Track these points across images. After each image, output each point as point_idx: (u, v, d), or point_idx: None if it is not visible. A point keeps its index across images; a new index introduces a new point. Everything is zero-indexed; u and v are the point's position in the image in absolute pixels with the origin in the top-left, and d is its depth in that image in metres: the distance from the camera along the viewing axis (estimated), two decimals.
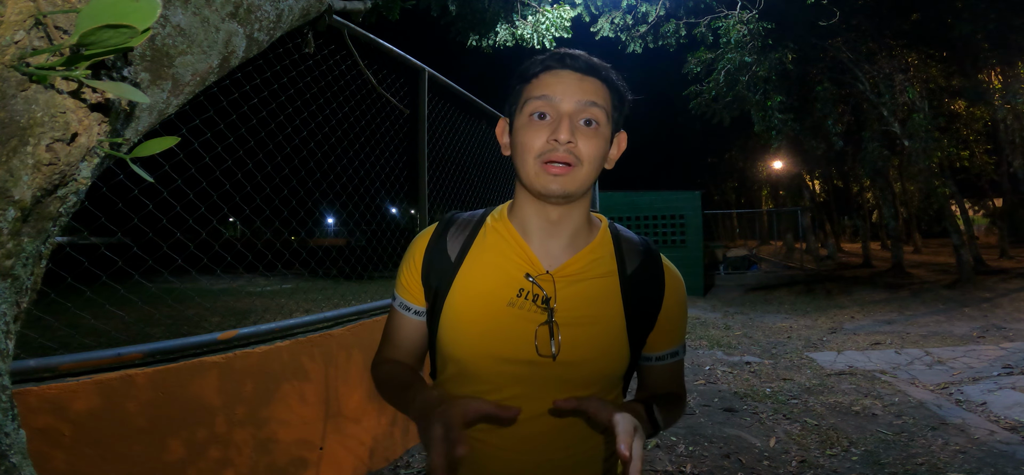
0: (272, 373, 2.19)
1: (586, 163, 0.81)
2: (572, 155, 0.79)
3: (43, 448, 1.51)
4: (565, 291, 0.83)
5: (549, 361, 0.80)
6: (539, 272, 0.84)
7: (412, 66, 3.35)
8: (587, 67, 0.82)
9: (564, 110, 0.80)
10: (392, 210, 7.62)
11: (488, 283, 0.84)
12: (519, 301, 0.82)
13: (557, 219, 0.85)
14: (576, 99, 0.80)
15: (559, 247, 0.86)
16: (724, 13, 8.85)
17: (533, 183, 0.81)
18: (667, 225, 11.07)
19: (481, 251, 0.87)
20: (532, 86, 0.83)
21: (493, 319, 0.82)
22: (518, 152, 0.83)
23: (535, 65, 0.84)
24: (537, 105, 0.81)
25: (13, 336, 0.51)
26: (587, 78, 0.82)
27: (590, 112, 0.81)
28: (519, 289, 0.83)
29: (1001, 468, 2.84)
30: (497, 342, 0.81)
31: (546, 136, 0.80)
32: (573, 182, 0.80)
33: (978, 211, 29.06)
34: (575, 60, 0.82)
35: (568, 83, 0.81)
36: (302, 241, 12.50)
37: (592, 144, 0.81)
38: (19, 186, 0.45)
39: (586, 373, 0.82)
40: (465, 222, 0.92)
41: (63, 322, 3.61)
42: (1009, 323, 6.61)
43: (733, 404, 3.99)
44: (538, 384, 0.81)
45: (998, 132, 11.69)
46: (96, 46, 0.42)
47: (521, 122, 0.83)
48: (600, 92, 0.82)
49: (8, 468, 0.47)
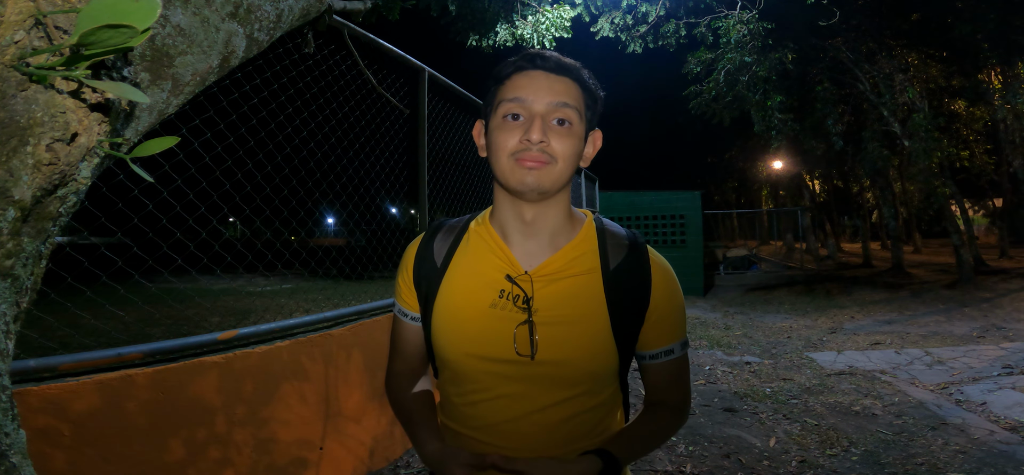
0: (272, 373, 2.19)
1: (560, 160, 0.81)
2: (545, 154, 0.80)
3: (43, 448, 1.51)
4: (544, 290, 0.84)
5: (528, 360, 0.81)
6: (518, 273, 0.85)
7: (412, 66, 3.35)
8: (557, 67, 0.83)
9: (536, 111, 0.81)
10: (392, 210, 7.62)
11: (471, 286, 0.86)
12: (501, 302, 0.84)
13: (532, 219, 0.86)
14: (547, 100, 0.81)
15: (538, 247, 0.87)
16: (724, 13, 8.85)
17: (508, 179, 0.82)
18: (667, 225, 11.07)
19: (464, 256, 0.89)
20: (504, 88, 0.84)
21: (477, 321, 0.84)
22: (493, 152, 0.84)
23: (507, 67, 0.85)
24: (510, 107, 0.82)
25: (13, 336, 0.51)
26: (558, 78, 0.83)
27: (562, 112, 0.81)
28: (500, 290, 0.84)
29: (1001, 468, 2.84)
30: (480, 343, 0.83)
31: (519, 136, 0.81)
32: (547, 177, 0.81)
33: (978, 211, 29.06)
34: (545, 61, 0.83)
35: (539, 84, 0.82)
36: (302, 241, 12.50)
37: (566, 142, 0.82)
38: (19, 186, 0.45)
39: (570, 372, 0.82)
40: (451, 228, 0.95)
41: (63, 322, 3.61)
42: (1009, 323, 6.61)
43: (733, 404, 3.99)
44: (527, 383, 0.83)
45: (998, 132, 11.69)
46: (96, 46, 0.42)
47: (495, 123, 0.84)
48: (571, 92, 0.83)
49: (8, 468, 0.47)
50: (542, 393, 0.82)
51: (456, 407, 0.88)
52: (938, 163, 10.20)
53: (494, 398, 0.84)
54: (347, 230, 3.95)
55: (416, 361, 0.98)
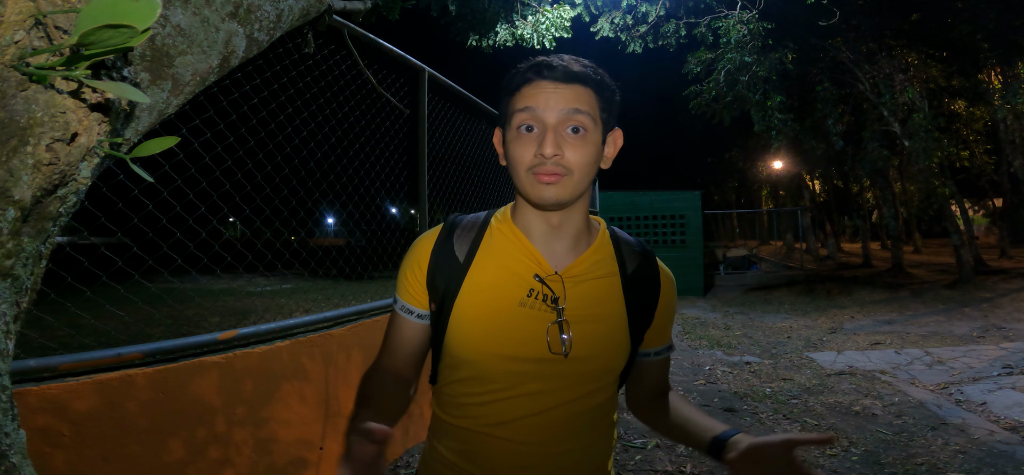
0: (272, 373, 2.19)
1: (576, 171, 0.82)
2: (560, 167, 0.80)
3: (43, 448, 1.51)
4: (573, 291, 0.86)
5: (560, 358, 0.83)
6: (548, 273, 0.86)
7: (412, 66, 3.35)
8: (565, 75, 0.82)
9: (549, 122, 0.80)
10: (392, 210, 7.62)
11: (498, 284, 0.86)
12: (530, 301, 0.84)
13: (558, 223, 0.88)
14: (558, 109, 0.80)
15: (563, 249, 0.89)
16: (724, 13, 8.85)
17: (528, 194, 0.84)
18: (667, 225, 11.06)
19: (489, 253, 0.89)
20: (516, 98, 0.84)
21: (504, 319, 0.84)
22: (511, 165, 0.85)
23: (516, 77, 0.84)
24: (523, 118, 0.82)
25: (13, 336, 0.51)
26: (568, 87, 0.81)
27: (575, 119, 0.81)
28: (529, 289, 0.85)
29: (1001, 468, 2.84)
30: (509, 342, 0.83)
31: (533, 149, 0.81)
32: (565, 190, 0.82)
33: (978, 211, 29.07)
34: (553, 71, 0.82)
35: (549, 94, 0.81)
36: (302, 241, 12.50)
37: (580, 152, 0.81)
38: (19, 186, 0.45)
39: (593, 368, 0.85)
40: (470, 224, 0.93)
41: (63, 322, 3.61)
42: (1009, 323, 6.61)
43: (733, 404, 3.99)
44: (549, 380, 0.84)
45: (998, 132, 11.68)
46: (96, 46, 0.42)
47: (511, 135, 0.84)
48: (583, 97, 0.82)
49: (8, 468, 0.47)
50: (564, 389, 0.84)
51: (466, 406, 0.87)
52: (938, 163, 10.20)
53: (514, 396, 0.84)
54: (347, 230, 3.95)
55: (407, 362, 0.93)
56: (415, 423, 3.11)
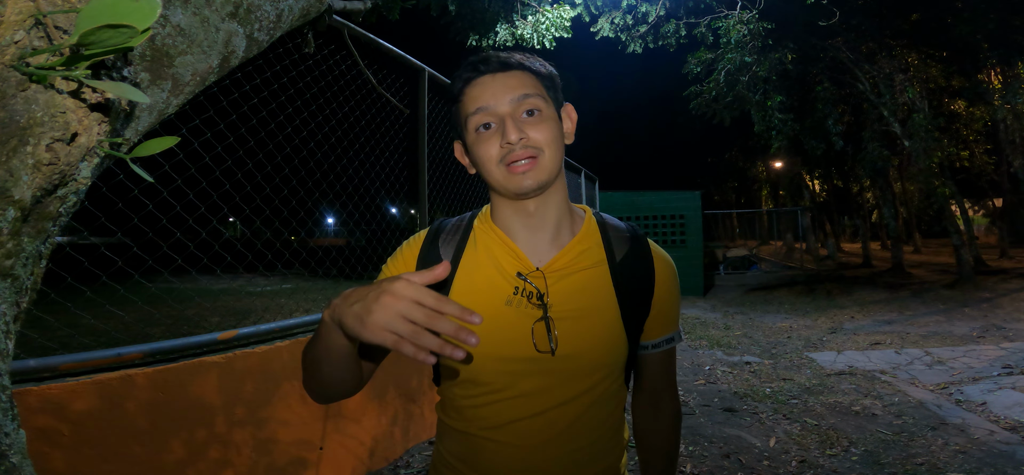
0: (272, 373, 2.19)
1: (546, 148, 0.82)
2: (529, 148, 0.81)
3: (43, 448, 1.51)
4: (556, 286, 0.84)
5: (549, 356, 0.81)
6: (529, 269, 0.85)
7: (412, 66, 3.35)
8: (502, 65, 0.83)
9: (503, 112, 0.81)
10: (392, 210, 7.62)
11: (484, 285, 0.85)
12: (516, 300, 0.83)
13: (534, 211, 0.86)
14: (508, 98, 0.81)
15: (545, 242, 0.87)
16: (724, 13, 8.85)
17: (506, 187, 0.83)
18: (667, 225, 11.07)
19: (473, 254, 0.89)
20: (464, 103, 0.84)
21: (492, 319, 0.83)
22: (481, 165, 0.85)
23: (457, 82, 0.85)
24: (478, 119, 0.82)
25: (13, 336, 0.51)
26: (507, 74, 0.83)
27: (527, 103, 0.82)
28: (514, 288, 0.84)
29: (1001, 468, 2.84)
30: (497, 342, 0.82)
31: (498, 141, 0.81)
32: (542, 171, 0.82)
33: (978, 211, 29.07)
34: (488, 63, 0.83)
35: (494, 87, 0.82)
36: (302, 241, 12.49)
37: (543, 129, 0.82)
38: (19, 186, 0.45)
39: (586, 364, 0.83)
40: (454, 227, 0.93)
41: (63, 322, 3.61)
42: (1009, 323, 6.61)
43: (733, 404, 3.99)
44: (545, 379, 0.82)
45: (998, 132, 11.69)
46: (96, 46, 0.42)
47: (471, 139, 0.85)
48: (526, 82, 0.83)
49: (8, 468, 0.47)
50: (560, 388, 0.82)
51: (464, 409, 0.86)
52: (938, 163, 10.20)
53: (510, 398, 0.83)
54: (347, 230, 3.95)
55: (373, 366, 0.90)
56: (415, 424, 3.11)
